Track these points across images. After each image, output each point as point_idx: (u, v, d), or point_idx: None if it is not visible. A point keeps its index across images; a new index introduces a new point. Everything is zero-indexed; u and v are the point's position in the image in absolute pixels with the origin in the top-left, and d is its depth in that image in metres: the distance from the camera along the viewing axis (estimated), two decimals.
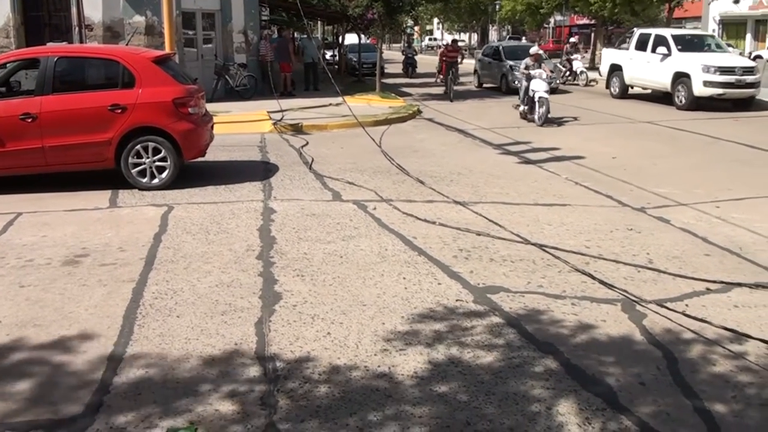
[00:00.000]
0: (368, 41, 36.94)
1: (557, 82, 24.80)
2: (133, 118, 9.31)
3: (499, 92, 25.25)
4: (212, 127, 10.74)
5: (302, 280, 6.04)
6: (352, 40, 34.79)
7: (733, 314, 5.32)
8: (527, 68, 17.05)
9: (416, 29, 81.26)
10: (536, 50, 17.84)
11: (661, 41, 20.61)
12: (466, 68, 29.63)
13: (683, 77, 19.30)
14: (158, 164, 9.52)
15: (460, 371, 4.41)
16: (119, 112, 9.26)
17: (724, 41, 28.66)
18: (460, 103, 21.86)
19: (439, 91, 25.91)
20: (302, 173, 10.73)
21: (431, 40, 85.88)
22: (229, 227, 7.70)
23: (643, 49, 21.25)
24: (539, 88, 16.47)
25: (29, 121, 9.08)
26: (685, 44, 20.44)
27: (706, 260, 6.63)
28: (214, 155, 11.46)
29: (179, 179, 9.70)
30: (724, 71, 18.81)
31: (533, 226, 7.78)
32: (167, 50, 13.58)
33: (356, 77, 30.17)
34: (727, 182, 10.05)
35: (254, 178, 10.34)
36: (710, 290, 5.83)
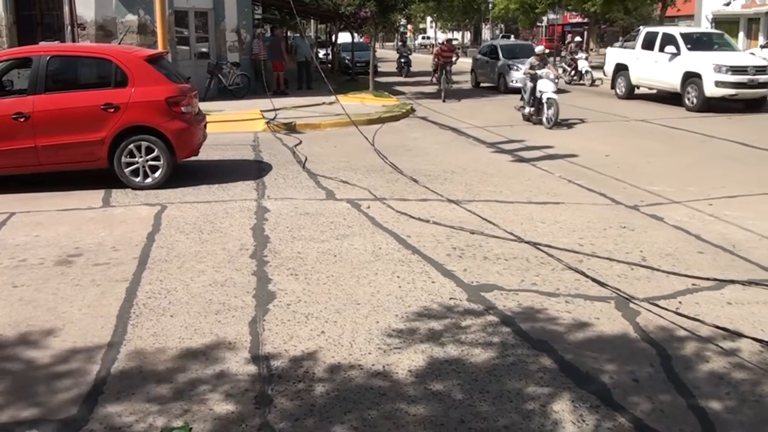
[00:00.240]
0: (361, 40, 36.97)
1: (564, 82, 24.53)
2: (125, 117, 9.29)
3: (496, 92, 25.03)
4: (205, 126, 10.72)
5: (296, 279, 6.04)
6: (345, 38, 34.81)
7: (726, 311, 5.34)
8: (532, 68, 16.49)
9: (409, 28, 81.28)
10: (541, 49, 17.25)
11: (669, 40, 19.86)
12: (460, 67, 29.48)
13: (694, 77, 18.59)
14: (151, 163, 9.50)
15: (454, 369, 4.41)
16: (112, 111, 9.24)
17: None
18: (454, 102, 21.76)
19: (432, 90, 25.89)
20: (296, 172, 10.72)
21: (425, 38, 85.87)
22: (222, 226, 7.69)
23: (650, 48, 20.56)
24: (547, 88, 15.89)
25: (22, 120, 9.05)
26: (694, 43, 19.69)
27: (699, 258, 6.65)
28: (207, 154, 11.45)
29: (172, 178, 9.68)
30: (736, 71, 18.08)
31: (527, 224, 7.79)
32: (160, 49, 13.55)
33: (349, 76, 30.14)
34: (720, 180, 10.08)
35: (247, 177, 10.32)
36: (703, 287, 5.85)
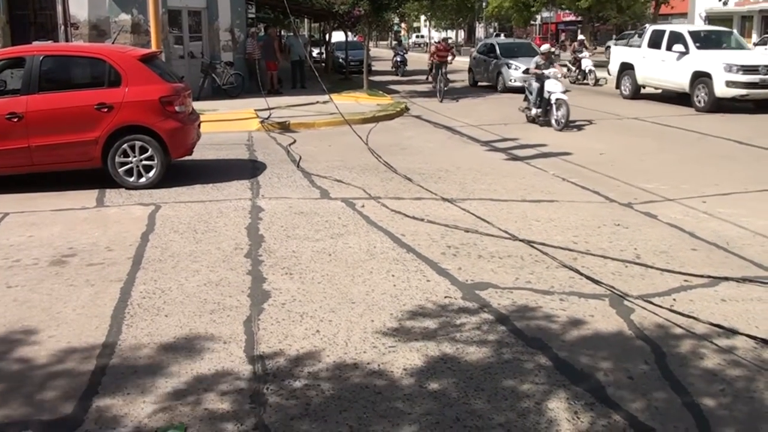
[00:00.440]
0: (355, 39, 36.91)
1: (568, 81, 23.95)
2: (119, 117, 9.27)
3: (494, 91, 24.80)
4: (199, 125, 10.70)
5: (291, 278, 6.03)
6: (339, 37, 34.81)
7: (720, 308, 5.36)
8: (538, 67, 15.79)
9: (403, 26, 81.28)
10: (547, 48, 16.69)
11: (677, 38, 19.17)
12: (456, 66, 29.26)
13: (703, 77, 17.92)
14: (145, 163, 9.48)
15: (449, 368, 4.42)
16: (106, 111, 9.22)
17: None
18: (451, 102, 21.42)
19: (426, 88, 25.88)
20: (290, 171, 10.72)
21: (418, 37, 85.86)
22: (217, 226, 7.68)
23: (657, 46, 19.90)
24: (556, 89, 15.25)
25: (15, 120, 9.02)
26: (703, 41, 19.09)
27: (693, 255, 6.67)
28: (201, 154, 11.44)
29: (166, 178, 9.66)
30: (747, 70, 17.34)
31: (521, 222, 7.80)
32: (153, 48, 13.53)
33: (343, 75, 30.15)
34: (713, 178, 10.11)
35: (242, 176, 10.31)
36: (697, 284, 5.86)
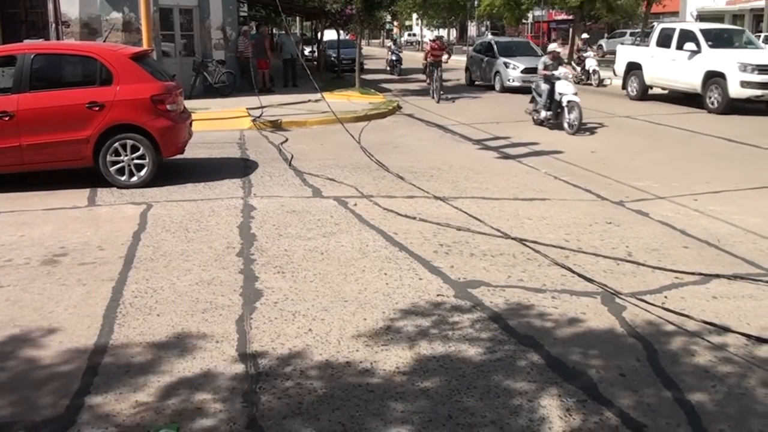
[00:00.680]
0: (347, 37, 36.87)
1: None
2: (111, 115, 9.24)
3: (492, 91, 24.36)
4: (191, 124, 10.67)
5: (283, 276, 6.03)
6: (330, 36, 34.74)
7: (711, 305, 5.38)
8: (546, 68, 15.10)
9: (395, 25, 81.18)
10: (555, 47, 16.00)
11: (687, 36, 18.45)
12: (451, 65, 29.16)
13: (716, 77, 17.26)
14: (137, 162, 9.46)
15: (441, 365, 4.42)
16: (97, 109, 9.19)
17: None
18: (448, 103, 20.76)
19: (418, 87, 25.86)
20: (282, 170, 10.70)
21: (410, 35, 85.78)
22: (208, 225, 7.67)
23: (666, 45, 19.23)
24: (567, 90, 14.57)
25: (6, 119, 8.98)
26: (715, 40, 18.36)
27: (684, 252, 6.69)
28: (193, 152, 11.41)
29: (158, 177, 9.64)
30: (763, 70, 16.66)
31: (513, 220, 7.81)
32: (145, 47, 13.49)
33: (335, 73, 30.10)
34: (704, 175, 10.15)
35: (234, 175, 10.30)
36: (689, 282, 5.88)
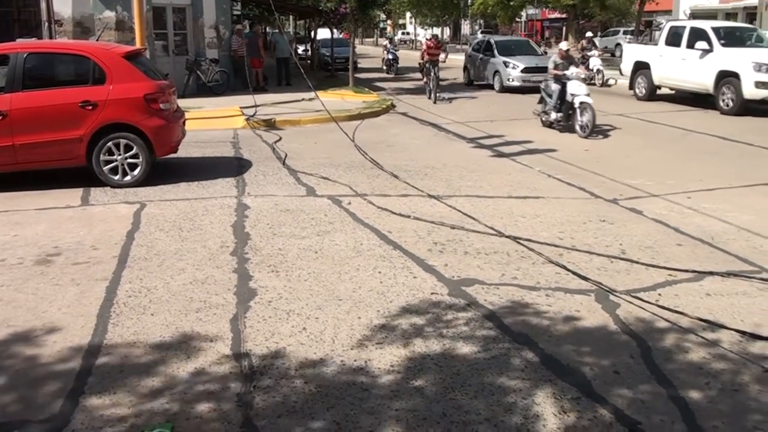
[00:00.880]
0: (341, 36, 36.82)
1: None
2: (104, 114, 9.22)
3: (491, 91, 23.86)
4: (184, 123, 10.66)
5: (277, 275, 6.02)
6: (324, 34, 34.68)
7: (705, 302, 5.39)
8: (557, 67, 14.49)
9: (389, 23, 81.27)
10: (566, 45, 15.43)
11: (699, 35, 17.85)
12: (448, 63, 29.07)
13: (729, 77, 16.72)
14: (130, 161, 9.43)
15: (436, 364, 4.42)
16: (90, 108, 9.17)
17: None
18: (443, 103, 20.32)
19: (412, 85, 25.85)
20: (276, 169, 10.69)
21: (404, 34, 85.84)
22: (202, 224, 7.65)
23: (676, 44, 18.69)
24: (579, 91, 13.93)
25: None
26: (727, 38, 17.80)
27: (678, 250, 6.71)
28: (186, 152, 11.39)
29: (151, 176, 9.62)
30: None
31: (507, 218, 7.82)
32: (138, 45, 13.46)
33: (329, 72, 30.07)
34: (698, 173, 10.17)
35: (227, 174, 10.28)
36: (683, 279, 5.90)
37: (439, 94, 20.83)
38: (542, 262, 6.35)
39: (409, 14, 73.06)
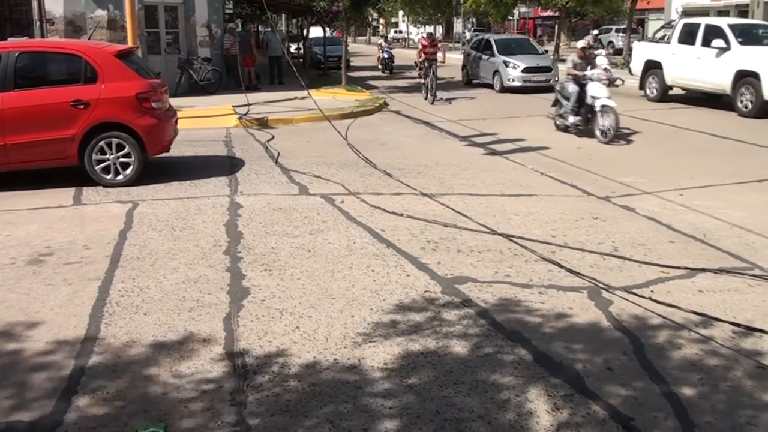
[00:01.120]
0: (333, 34, 36.75)
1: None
2: (96, 113, 9.19)
3: (491, 91, 23.18)
4: (176, 122, 10.64)
5: (270, 274, 6.02)
6: (317, 33, 34.61)
7: (698, 299, 5.41)
8: (575, 67, 13.70)
9: (382, 22, 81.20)
10: (584, 44, 14.47)
11: (715, 32, 16.93)
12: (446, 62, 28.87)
13: (749, 77, 15.78)
14: (122, 160, 9.41)
15: (429, 361, 4.43)
16: (82, 107, 9.14)
17: None
18: (441, 104, 19.69)
19: (405, 84, 25.83)
20: (268, 167, 10.68)
21: (397, 32, 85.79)
22: (195, 223, 7.64)
23: (690, 42, 17.74)
24: (601, 93, 13.04)
25: None
26: (745, 36, 16.77)
27: (670, 247, 6.72)
28: (178, 150, 11.37)
29: (144, 175, 9.60)
30: None
31: (500, 216, 7.83)
32: (130, 44, 13.42)
33: (321, 71, 30.03)
34: (690, 171, 10.20)
35: (220, 173, 10.26)
36: (675, 276, 5.91)
37: (437, 93, 19.99)
38: (535, 259, 6.36)
39: (401, 12, 73.03)
